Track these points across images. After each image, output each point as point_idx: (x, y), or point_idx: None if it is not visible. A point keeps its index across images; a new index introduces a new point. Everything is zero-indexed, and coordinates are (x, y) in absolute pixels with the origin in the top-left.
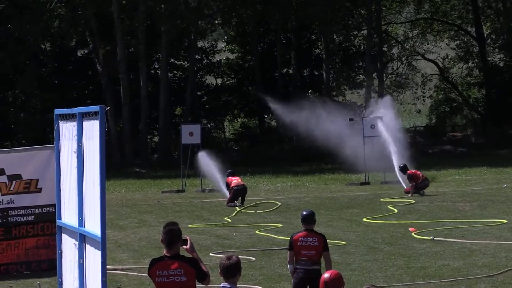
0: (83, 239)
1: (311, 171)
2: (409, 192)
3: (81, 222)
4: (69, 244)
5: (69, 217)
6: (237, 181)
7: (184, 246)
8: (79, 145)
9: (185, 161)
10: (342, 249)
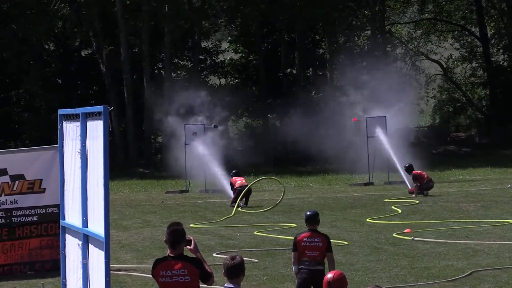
0: (86, 239)
1: (314, 172)
2: (413, 192)
3: (85, 222)
4: (72, 244)
5: (72, 217)
6: (242, 182)
7: (188, 246)
8: (83, 145)
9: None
10: (345, 249)
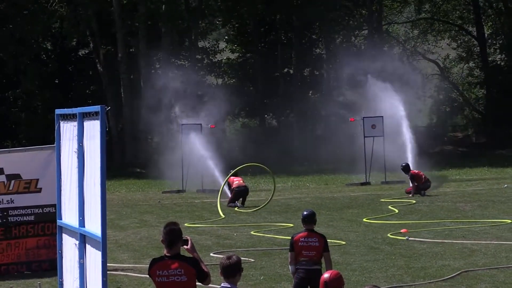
0: (83, 239)
1: (311, 171)
2: (410, 192)
3: (82, 222)
4: (69, 244)
5: (69, 217)
6: (239, 182)
7: (185, 246)
8: (80, 145)
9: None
10: (342, 249)
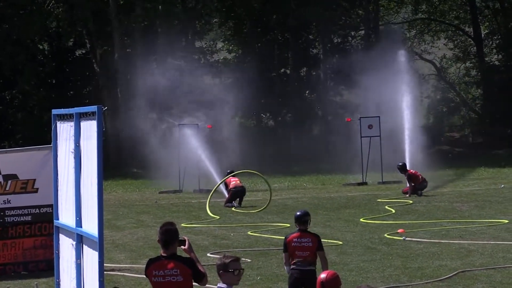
0: (80, 239)
1: (308, 172)
2: (407, 192)
3: (79, 222)
4: (66, 244)
5: (66, 217)
6: (236, 183)
7: (182, 246)
8: (77, 145)
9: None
10: (339, 249)
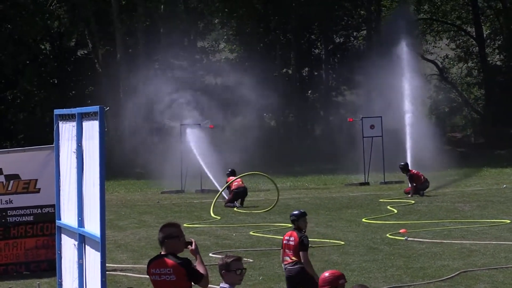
0: (82, 239)
1: (310, 172)
2: (409, 192)
3: (81, 222)
4: (68, 244)
5: (68, 217)
6: (238, 183)
7: (189, 246)
8: (79, 146)
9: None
10: (341, 249)
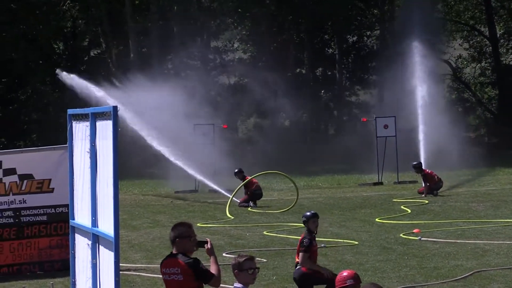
0: (96, 239)
1: (324, 172)
2: (422, 192)
3: (94, 222)
4: (82, 244)
5: (82, 217)
6: (256, 185)
7: (205, 246)
8: (92, 145)
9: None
10: (355, 249)
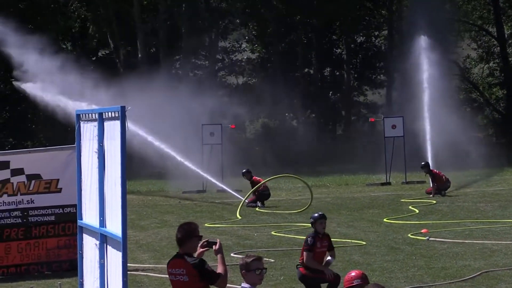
0: (104, 239)
1: (332, 172)
2: (430, 192)
3: (102, 222)
4: (90, 244)
5: (90, 217)
6: (264, 186)
7: (214, 246)
8: (100, 146)
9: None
10: (363, 249)
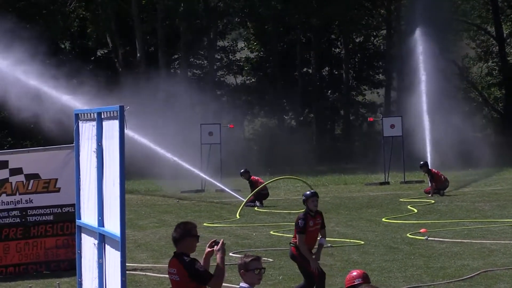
0: (102, 239)
1: (330, 171)
2: (429, 192)
3: (101, 222)
4: (88, 244)
5: (88, 217)
6: (265, 185)
7: (215, 246)
8: (99, 145)
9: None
10: (361, 249)
